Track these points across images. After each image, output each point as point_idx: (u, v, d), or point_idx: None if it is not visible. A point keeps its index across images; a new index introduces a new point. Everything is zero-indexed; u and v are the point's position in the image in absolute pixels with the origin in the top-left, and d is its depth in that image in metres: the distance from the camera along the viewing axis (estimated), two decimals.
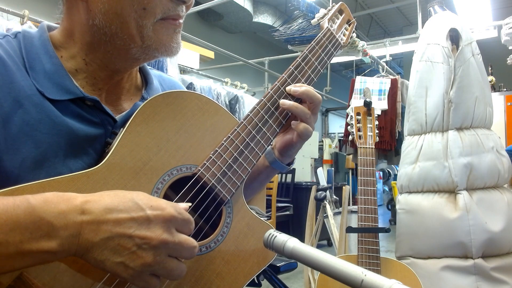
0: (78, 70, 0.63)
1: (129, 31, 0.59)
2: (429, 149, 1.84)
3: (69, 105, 0.60)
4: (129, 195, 0.49)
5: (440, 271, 1.72)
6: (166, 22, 0.61)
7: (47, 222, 0.43)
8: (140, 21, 0.59)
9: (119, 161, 0.55)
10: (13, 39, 0.62)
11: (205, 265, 0.60)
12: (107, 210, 0.46)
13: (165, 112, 0.60)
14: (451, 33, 1.89)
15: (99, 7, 0.58)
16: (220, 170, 0.62)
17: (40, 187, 0.49)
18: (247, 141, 0.66)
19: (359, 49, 3.15)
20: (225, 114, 0.67)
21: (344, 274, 0.45)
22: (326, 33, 0.81)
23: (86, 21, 0.60)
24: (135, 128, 0.57)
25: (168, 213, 0.49)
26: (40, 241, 0.43)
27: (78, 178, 0.52)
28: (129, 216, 0.47)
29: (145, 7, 0.58)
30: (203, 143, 0.63)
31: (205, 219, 0.62)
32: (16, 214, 0.42)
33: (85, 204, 0.46)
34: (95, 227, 0.45)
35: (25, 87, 0.57)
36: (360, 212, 1.58)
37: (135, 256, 0.46)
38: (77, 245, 0.44)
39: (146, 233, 0.47)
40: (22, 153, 0.55)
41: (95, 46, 0.62)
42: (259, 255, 0.66)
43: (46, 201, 0.44)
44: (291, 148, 0.76)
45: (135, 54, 0.62)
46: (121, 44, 0.61)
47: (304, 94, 0.71)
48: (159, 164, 0.58)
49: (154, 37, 0.60)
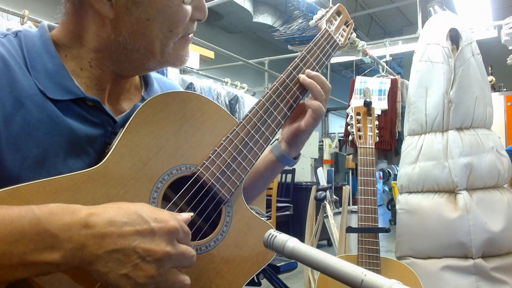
0: (80, 70, 0.63)
1: (152, 50, 0.62)
2: (429, 149, 1.84)
3: (70, 105, 0.60)
4: (133, 207, 0.49)
5: (440, 271, 1.72)
6: (184, 39, 0.66)
7: (51, 234, 0.43)
8: (164, 41, 0.62)
9: (119, 161, 0.55)
10: (14, 38, 0.61)
11: (204, 264, 0.60)
12: (111, 223, 0.46)
13: (164, 112, 0.60)
14: (451, 33, 1.89)
15: (127, 27, 0.60)
16: (219, 169, 0.62)
17: (40, 186, 0.49)
18: (246, 141, 0.66)
19: (359, 49, 3.15)
20: (224, 114, 0.67)
21: (344, 274, 0.45)
22: (324, 34, 0.82)
23: (107, 36, 0.61)
24: (134, 128, 0.57)
25: (172, 225, 0.49)
26: (44, 252, 0.43)
27: (78, 178, 0.52)
28: (133, 229, 0.47)
29: (171, 30, 0.62)
30: (202, 143, 0.63)
31: (205, 218, 0.63)
32: (21, 224, 0.43)
33: (90, 217, 0.46)
34: (99, 240, 0.45)
35: (27, 87, 0.57)
36: (360, 212, 1.58)
37: (139, 269, 0.46)
38: (81, 257, 0.44)
39: (150, 246, 0.47)
40: (23, 152, 0.55)
41: (105, 55, 0.63)
42: (259, 254, 0.66)
43: (51, 213, 0.45)
44: (301, 135, 0.79)
45: (150, 66, 0.65)
46: (139, 57, 0.63)
47: (317, 77, 0.76)
48: (158, 163, 0.58)
49: (173, 54, 0.64)
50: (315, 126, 0.78)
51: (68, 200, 0.50)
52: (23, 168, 0.54)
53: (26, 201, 0.47)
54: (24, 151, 0.55)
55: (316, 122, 0.77)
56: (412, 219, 1.84)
